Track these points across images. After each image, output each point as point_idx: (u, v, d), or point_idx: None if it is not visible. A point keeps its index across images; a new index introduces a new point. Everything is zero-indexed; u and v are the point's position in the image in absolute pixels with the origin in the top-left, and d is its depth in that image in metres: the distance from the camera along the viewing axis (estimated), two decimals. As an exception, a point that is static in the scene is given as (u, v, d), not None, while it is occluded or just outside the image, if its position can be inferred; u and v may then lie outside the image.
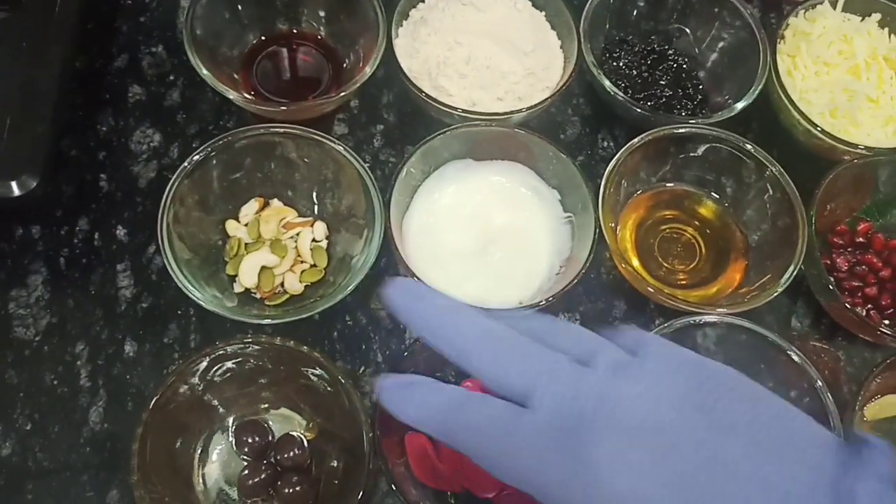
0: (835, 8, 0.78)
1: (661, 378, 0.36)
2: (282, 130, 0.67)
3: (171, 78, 0.78)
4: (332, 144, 0.67)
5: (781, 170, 0.69)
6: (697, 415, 0.34)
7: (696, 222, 0.75)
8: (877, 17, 0.79)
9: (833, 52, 0.76)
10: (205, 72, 0.69)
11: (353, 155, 0.67)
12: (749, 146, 0.70)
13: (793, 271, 0.66)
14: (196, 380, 0.59)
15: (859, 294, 0.71)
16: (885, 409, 0.66)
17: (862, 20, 0.79)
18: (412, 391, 0.40)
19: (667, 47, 0.82)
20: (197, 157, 0.64)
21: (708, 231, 0.74)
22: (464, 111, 0.70)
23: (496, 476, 0.38)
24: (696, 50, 0.81)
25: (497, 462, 0.37)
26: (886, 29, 0.79)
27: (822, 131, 0.71)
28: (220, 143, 0.65)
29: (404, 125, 0.78)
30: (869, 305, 0.71)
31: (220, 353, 0.59)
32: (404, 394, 0.40)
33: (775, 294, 0.66)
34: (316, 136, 0.67)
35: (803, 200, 0.69)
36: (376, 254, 0.64)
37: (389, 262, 0.71)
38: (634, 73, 0.79)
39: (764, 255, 0.71)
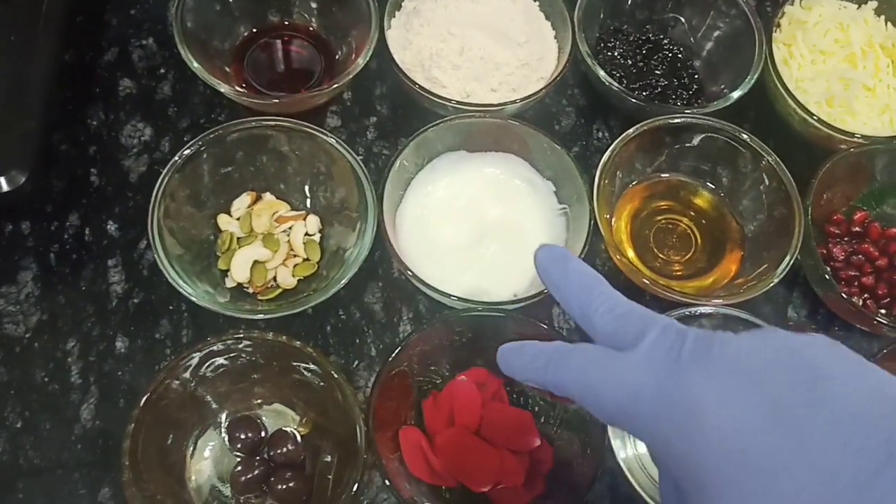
0: (831, -5, 0.78)
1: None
2: (272, 123, 0.66)
3: (162, 71, 0.77)
4: (325, 137, 0.66)
5: (777, 159, 0.69)
6: (790, 367, 0.34)
7: (692, 213, 0.74)
8: (873, 4, 0.78)
9: (829, 40, 0.75)
10: (196, 65, 0.68)
11: (346, 147, 0.66)
12: (745, 136, 0.69)
13: (789, 261, 0.66)
14: (188, 376, 0.59)
15: (856, 283, 0.71)
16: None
17: (858, 8, 0.78)
18: (524, 347, 0.44)
19: (662, 37, 0.81)
20: (187, 151, 0.64)
21: (703, 221, 0.74)
22: (458, 103, 0.69)
23: (597, 413, 0.39)
24: (692, 39, 0.81)
25: (597, 394, 0.38)
26: (883, 17, 0.78)
27: (819, 120, 0.71)
28: (211, 136, 0.65)
29: (398, 117, 0.77)
30: (866, 295, 0.70)
31: (212, 348, 0.58)
32: (518, 350, 0.44)
33: (771, 284, 0.65)
34: (308, 129, 0.66)
35: (800, 190, 0.68)
36: (369, 247, 0.64)
37: (383, 255, 0.70)
38: (629, 62, 0.79)
39: (760, 246, 0.71)
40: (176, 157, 0.63)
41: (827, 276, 0.66)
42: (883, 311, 0.70)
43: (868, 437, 0.31)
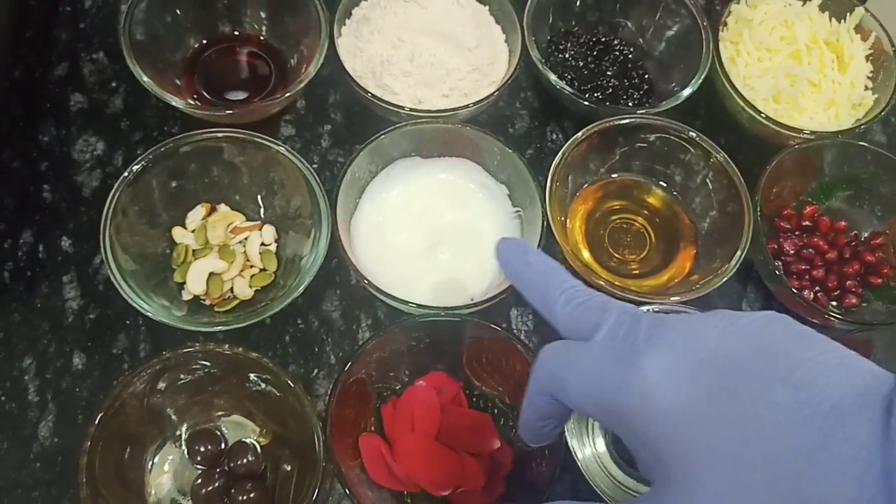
0: (776, -7, 0.79)
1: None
2: (221, 135, 0.66)
3: (114, 84, 0.77)
4: (276, 147, 0.66)
5: (726, 157, 0.70)
6: (738, 343, 0.35)
7: (646, 212, 0.75)
8: (818, 1, 0.79)
9: (775, 37, 0.77)
10: (146, 79, 0.68)
11: (298, 156, 0.66)
12: (693, 134, 0.70)
13: (740, 256, 0.67)
14: (144, 390, 0.59)
15: (806, 277, 0.72)
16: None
17: (803, 5, 0.80)
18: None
19: (612, 38, 0.82)
20: (137, 166, 0.64)
21: (657, 220, 0.75)
22: (411, 109, 0.70)
23: (568, 403, 0.40)
24: (641, 40, 0.82)
25: (564, 386, 0.40)
26: (827, 13, 0.79)
27: (766, 117, 0.72)
28: (161, 150, 0.65)
29: (352, 124, 0.78)
30: (816, 288, 0.72)
31: (168, 363, 0.58)
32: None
33: (724, 280, 0.66)
34: (258, 140, 0.66)
35: (751, 186, 0.69)
36: (324, 255, 0.64)
37: (341, 263, 0.71)
38: (581, 64, 0.79)
39: (713, 242, 0.72)
40: (125, 173, 0.63)
41: (777, 272, 0.67)
42: (834, 303, 0.72)
43: (817, 405, 0.31)
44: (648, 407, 0.35)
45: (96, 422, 0.55)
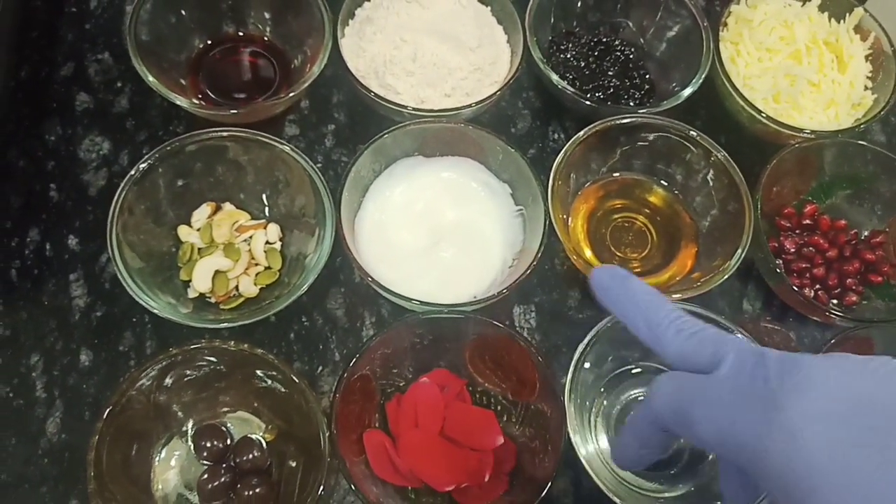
0: (776, -6, 0.80)
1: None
2: (226, 134, 0.67)
3: (119, 84, 0.78)
4: (280, 146, 0.67)
5: (727, 155, 0.70)
6: (878, 384, 0.36)
7: (647, 210, 0.76)
8: (817, 1, 0.80)
9: (775, 37, 0.77)
10: (151, 79, 0.69)
11: (302, 155, 0.67)
12: (694, 133, 0.71)
13: (741, 254, 0.67)
14: (151, 387, 0.59)
15: (807, 275, 0.72)
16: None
17: (803, 5, 0.80)
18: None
19: (613, 38, 0.82)
20: (143, 165, 0.64)
21: (658, 218, 0.75)
22: (414, 109, 0.70)
23: (696, 438, 0.40)
24: (642, 40, 0.82)
25: (693, 423, 0.40)
26: (826, 13, 0.80)
27: (767, 117, 0.73)
28: (168, 149, 0.65)
29: (355, 124, 0.78)
30: (817, 286, 0.72)
31: (174, 359, 0.59)
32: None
33: (724, 278, 0.67)
34: (263, 139, 0.67)
35: (752, 185, 0.70)
36: (328, 252, 0.65)
37: (345, 261, 0.71)
38: (582, 64, 0.80)
39: (714, 240, 0.72)
40: (132, 171, 0.64)
41: (777, 270, 0.68)
42: (834, 300, 0.72)
43: None
44: (794, 450, 0.35)
45: (104, 417, 0.56)
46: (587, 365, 0.63)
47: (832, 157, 0.75)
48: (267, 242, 0.70)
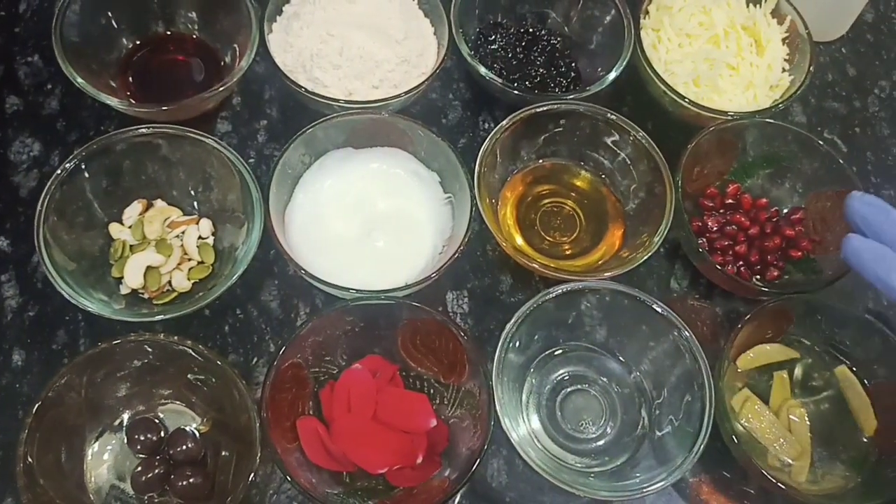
0: (696, -19, 0.82)
1: None
2: (153, 131, 0.67)
3: (49, 87, 0.78)
4: (207, 141, 0.68)
5: (646, 136, 0.72)
6: None
7: (574, 194, 0.77)
8: (735, -13, 0.82)
9: (694, 23, 0.79)
10: (79, 80, 0.69)
11: (230, 150, 0.68)
12: (612, 116, 0.73)
13: (663, 232, 0.69)
14: (82, 382, 0.60)
15: (730, 252, 0.74)
16: (757, 358, 0.70)
17: (722, -9, 0.82)
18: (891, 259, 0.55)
19: (540, 28, 0.84)
20: (69, 164, 0.65)
21: (586, 202, 0.77)
22: (346, 101, 0.71)
23: None
24: (567, 29, 0.84)
25: None
26: (744, -1, 0.82)
27: (688, 101, 0.75)
28: (94, 147, 0.66)
29: (287, 119, 0.79)
30: (740, 263, 0.74)
31: (104, 353, 0.59)
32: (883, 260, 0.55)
33: (649, 255, 0.69)
34: (191, 134, 0.68)
35: (678, 166, 0.72)
36: (257, 244, 0.66)
37: (279, 253, 0.71)
38: (509, 55, 0.82)
39: (640, 221, 0.74)
40: (58, 171, 0.64)
41: (700, 249, 0.70)
42: (757, 277, 0.74)
43: None
44: None
45: (32, 413, 0.56)
46: (516, 345, 0.65)
47: (753, 138, 0.77)
48: (199, 237, 0.71)
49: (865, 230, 0.56)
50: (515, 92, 0.75)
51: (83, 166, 0.66)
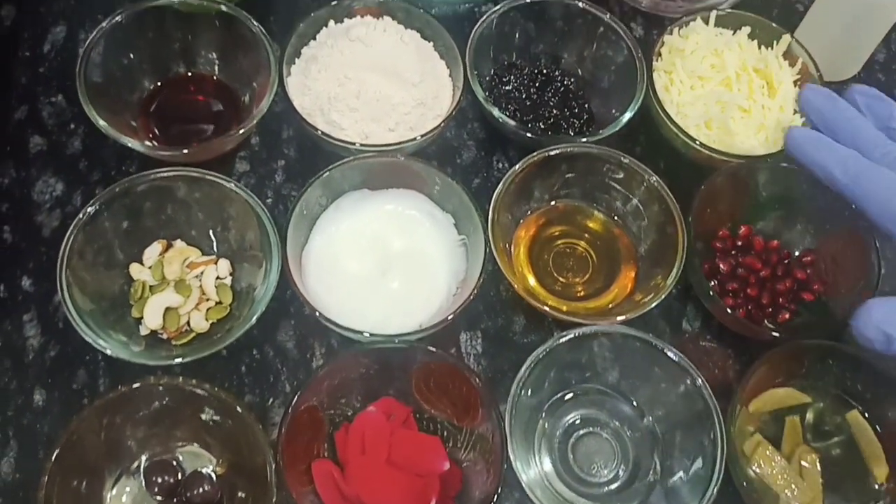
0: (707, 24, 0.83)
1: None
2: (173, 174, 0.69)
3: (72, 126, 0.79)
4: (227, 184, 0.69)
5: (659, 180, 0.73)
6: None
7: (587, 235, 0.78)
8: (747, 30, 0.83)
9: (706, 66, 0.80)
10: (102, 122, 0.70)
11: (247, 192, 0.69)
12: (626, 160, 0.74)
13: (675, 276, 0.70)
14: (102, 424, 0.61)
15: (741, 295, 0.75)
16: (768, 403, 0.70)
17: (734, 33, 0.83)
18: (825, 142, 0.61)
19: (554, 69, 0.85)
20: (90, 208, 0.66)
21: (598, 243, 0.78)
22: (362, 145, 0.73)
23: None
24: (581, 70, 0.85)
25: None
26: (756, 41, 0.83)
27: (699, 143, 0.75)
28: (116, 191, 0.67)
29: (305, 159, 0.80)
30: (750, 305, 0.75)
31: (123, 397, 0.60)
32: (819, 142, 0.62)
33: (661, 298, 0.69)
34: (210, 177, 0.69)
35: (689, 207, 0.72)
36: (275, 285, 0.67)
37: (295, 294, 0.73)
38: (523, 96, 0.83)
39: (652, 262, 0.75)
40: (80, 216, 0.66)
41: (710, 292, 0.71)
42: (768, 319, 0.75)
43: None
44: None
45: (53, 457, 0.57)
46: (528, 391, 0.65)
47: (765, 180, 0.77)
48: (217, 278, 0.72)
49: (816, 119, 0.64)
50: (528, 134, 0.76)
51: (105, 209, 0.68)
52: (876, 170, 0.57)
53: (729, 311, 0.71)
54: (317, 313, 0.65)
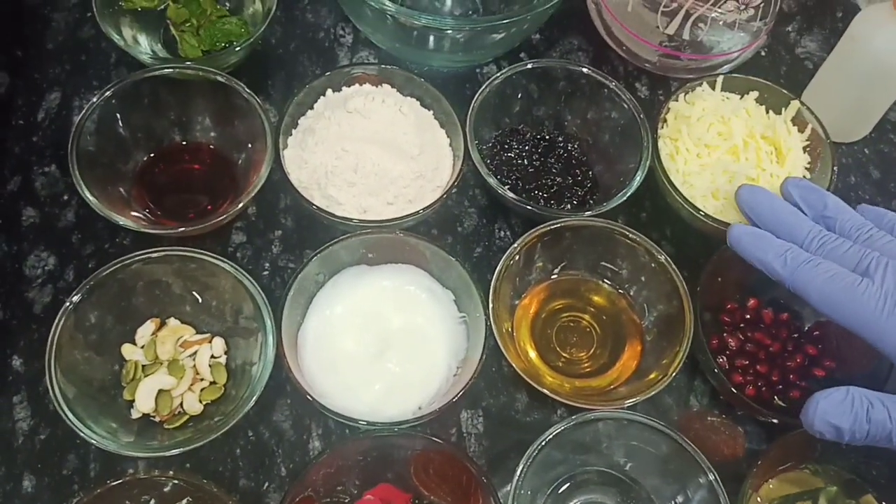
0: (714, 88, 0.81)
1: None
2: (162, 255, 0.67)
3: (65, 198, 0.78)
4: (221, 264, 0.68)
5: (667, 257, 0.71)
6: None
7: (592, 309, 0.76)
8: (754, 94, 0.81)
9: (713, 133, 0.78)
10: (93, 200, 0.69)
11: (242, 272, 0.68)
12: (632, 235, 0.72)
13: (682, 358, 0.67)
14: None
15: (751, 371, 0.73)
16: (779, 489, 0.68)
17: (741, 98, 0.81)
18: (767, 238, 0.63)
19: (558, 134, 0.83)
20: (76, 297, 0.65)
21: (604, 317, 0.76)
22: (360, 221, 0.71)
23: (835, 318, 0.58)
24: (585, 135, 0.83)
25: (839, 308, 0.57)
26: (764, 106, 0.81)
27: (705, 215, 0.73)
28: (105, 273, 0.66)
29: (302, 228, 0.79)
30: (760, 382, 0.72)
31: (114, 490, 0.59)
32: (761, 239, 0.63)
33: (669, 380, 0.67)
34: (203, 257, 0.68)
35: (696, 276, 0.71)
36: (271, 365, 0.65)
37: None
38: (526, 163, 0.81)
39: (659, 338, 0.72)
40: (66, 303, 0.64)
41: (716, 370, 0.69)
42: (778, 396, 0.73)
43: None
44: None
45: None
46: (530, 477, 0.63)
47: (773, 251, 0.75)
48: (212, 356, 0.71)
49: (754, 217, 0.66)
50: (529, 207, 0.74)
51: (94, 292, 0.66)
52: (813, 261, 0.60)
53: (734, 391, 0.68)
54: (313, 399, 0.63)
